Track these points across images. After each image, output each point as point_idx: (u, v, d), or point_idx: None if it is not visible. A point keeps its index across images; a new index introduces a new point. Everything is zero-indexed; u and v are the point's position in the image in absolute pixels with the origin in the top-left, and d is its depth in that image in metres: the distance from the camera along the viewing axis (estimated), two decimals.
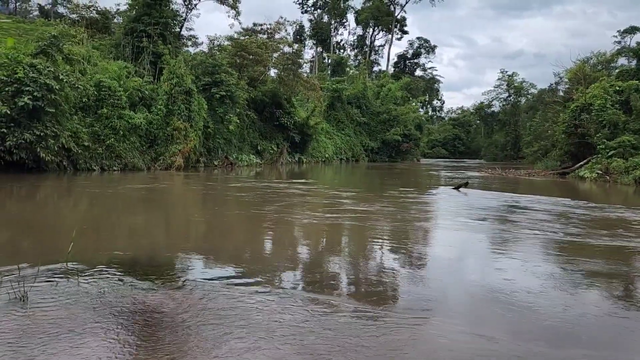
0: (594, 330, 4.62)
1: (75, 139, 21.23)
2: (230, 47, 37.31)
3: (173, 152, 25.28)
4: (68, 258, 5.82)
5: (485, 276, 6.38)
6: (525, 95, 75.55)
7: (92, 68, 24.88)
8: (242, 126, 34.74)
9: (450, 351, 3.94)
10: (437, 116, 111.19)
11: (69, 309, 4.43)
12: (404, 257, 7.27)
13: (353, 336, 4.09)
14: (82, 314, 4.32)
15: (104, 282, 5.28)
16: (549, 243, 8.70)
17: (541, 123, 45.91)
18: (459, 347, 4.02)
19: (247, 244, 8.49)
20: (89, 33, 29.87)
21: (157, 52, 29.39)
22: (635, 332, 4.65)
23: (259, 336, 3.99)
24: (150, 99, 26.31)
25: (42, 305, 4.49)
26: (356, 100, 57.45)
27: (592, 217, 11.89)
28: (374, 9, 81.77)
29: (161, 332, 4.02)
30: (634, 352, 4.22)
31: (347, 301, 5.11)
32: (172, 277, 5.70)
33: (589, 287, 6.06)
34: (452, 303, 5.23)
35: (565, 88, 48.64)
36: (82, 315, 4.29)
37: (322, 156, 47.88)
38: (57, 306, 4.50)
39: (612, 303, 5.43)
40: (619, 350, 4.18)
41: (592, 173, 26.91)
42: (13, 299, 4.57)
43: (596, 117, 29.25)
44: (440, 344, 4.07)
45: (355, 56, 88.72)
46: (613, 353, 4.09)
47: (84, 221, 10.19)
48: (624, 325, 4.75)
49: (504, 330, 4.44)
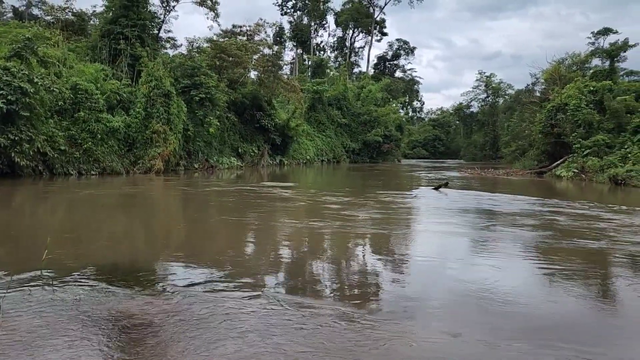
0: (577, 327, 4.70)
1: (51, 143, 20.85)
2: (210, 49, 37.09)
3: (152, 155, 25.00)
4: (43, 266, 5.72)
5: (465, 277, 6.44)
6: (503, 95, 76.57)
7: (68, 71, 24.45)
8: (222, 129, 34.52)
9: (431, 352, 3.97)
10: (417, 117, 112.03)
11: (43, 318, 4.35)
12: (385, 259, 7.30)
13: (334, 339, 4.09)
14: (57, 323, 4.24)
15: (80, 290, 5.19)
16: (526, 242, 8.83)
17: (518, 123, 46.62)
18: (438, 347, 4.06)
19: (227, 249, 8.43)
20: (64, 35, 29.34)
21: (134, 55, 29.04)
22: (619, 328, 4.75)
23: (239, 341, 3.97)
24: (129, 101, 25.98)
25: (16, 314, 4.40)
26: (337, 101, 57.57)
27: (569, 216, 12.11)
28: (353, 11, 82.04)
29: (138, 339, 3.97)
30: (620, 348, 4.31)
31: (329, 304, 5.12)
32: (151, 284, 5.64)
33: (566, 285, 6.16)
34: (431, 304, 5.27)
35: (542, 88, 49.45)
36: (57, 324, 4.21)
37: (304, 158, 47.85)
38: (31, 315, 4.41)
39: (592, 300, 5.53)
40: (602, 345, 4.25)
41: (569, 172, 27.43)
42: None
43: (571, 116, 29.84)
44: (419, 345, 4.10)
45: (335, 58, 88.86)
46: (598, 349, 4.16)
47: (60, 228, 10.01)
48: (608, 323, 4.85)
49: (482, 329, 4.49)
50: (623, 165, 23.93)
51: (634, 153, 24.42)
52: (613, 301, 5.66)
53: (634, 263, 7.26)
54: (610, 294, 5.95)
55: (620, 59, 41.68)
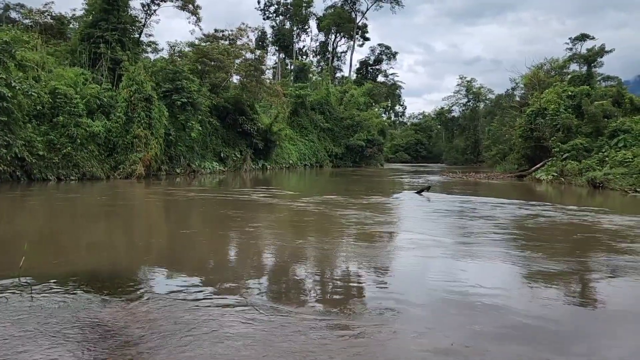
0: (558, 326, 4.76)
1: (30, 148, 20.48)
2: (192, 54, 36.88)
3: (133, 160, 24.71)
4: (20, 272, 5.60)
5: (446, 279, 6.48)
6: (484, 100, 77.58)
7: (47, 75, 24.08)
8: (204, 133, 34.30)
9: (415, 353, 3.98)
10: (399, 121, 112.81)
11: (21, 325, 4.25)
12: (366, 264, 7.31)
13: (316, 346, 4.08)
14: (35, 330, 4.15)
15: (58, 297, 5.10)
16: (507, 244, 8.94)
17: (499, 127, 47.26)
18: (421, 349, 4.07)
19: (208, 256, 8.36)
20: (43, 39, 28.90)
21: (115, 59, 28.74)
22: (600, 326, 4.83)
23: (219, 348, 3.94)
24: (109, 106, 25.67)
25: None
26: (319, 106, 57.70)
27: (550, 218, 12.29)
28: (335, 16, 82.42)
29: (117, 347, 3.91)
30: (602, 347, 4.37)
31: (309, 311, 5.11)
32: (131, 291, 5.56)
33: (547, 285, 6.24)
34: (413, 308, 5.28)
35: (521, 93, 50.30)
36: (35, 332, 4.13)
37: (286, 162, 47.80)
38: (8, 322, 4.31)
39: (573, 299, 5.61)
40: (583, 342, 4.31)
41: (548, 175, 27.87)
42: None
43: (550, 121, 30.36)
44: (402, 348, 4.11)
45: (318, 62, 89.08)
46: (580, 348, 4.22)
47: (37, 234, 9.83)
48: (589, 320, 4.93)
49: (464, 331, 4.52)
50: (601, 168, 24.40)
51: (611, 157, 24.93)
52: (595, 301, 5.74)
53: (615, 264, 7.39)
54: (592, 294, 6.04)
55: (597, 64, 42.62)
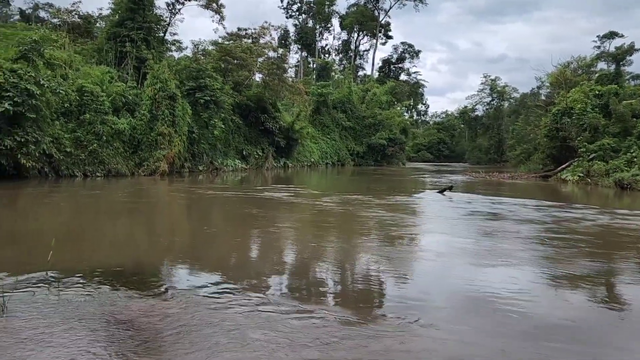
0: (584, 329, 4.67)
1: (57, 144, 20.95)
2: (215, 52, 37.20)
3: (157, 157, 25.06)
4: (48, 267, 5.74)
5: (471, 280, 6.42)
6: (508, 99, 76.45)
7: (74, 73, 24.58)
8: (227, 131, 34.57)
9: (438, 355, 3.95)
10: (421, 120, 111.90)
11: (48, 318, 4.36)
12: (389, 265, 7.28)
13: (339, 346, 4.08)
14: (61, 323, 4.25)
15: (84, 291, 5.21)
16: (532, 245, 8.80)
17: (524, 127, 46.51)
18: (446, 350, 4.04)
19: (232, 253, 8.44)
20: (70, 38, 29.54)
21: (140, 57, 29.19)
22: (623, 330, 4.73)
23: (240, 347, 3.97)
24: (134, 104, 26.08)
25: (21, 315, 4.42)
26: (341, 104, 57.61)
27: (574, 220, 12.06)
28: (358, 14, 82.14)
29: (140, 342, 3.98)
30: (624, 349, 4.28)
31: (333, 310, 5.12)
32: (153, 286, 5.65)
33: (574, 288, 6.13)
34: (437, 308, 5.25)
35: (547, 92, 49.39)
36: (61, 325, 4.23)
37: (308, 161, 47.88)
38: (35, 315, 4.43)
39: (600, 303, 5.50)
40: (607, 346, 4.23)
41: (574, 176, 27.32)
42: None
43: (577, 120, 29.74)
44: (427, 348, 4.09)
45: (340, 61, 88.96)
46: (604, 350, 4.14)
47: (64, 229, 10.05)
48: (612, 324, 4.82)
49: (488, 332, 4.47)
50: (629, 169, 23.81)
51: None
52: (622, 304, 5.61)
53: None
54: (619, 297, 5.91)
55: (626, 62, 41.63)
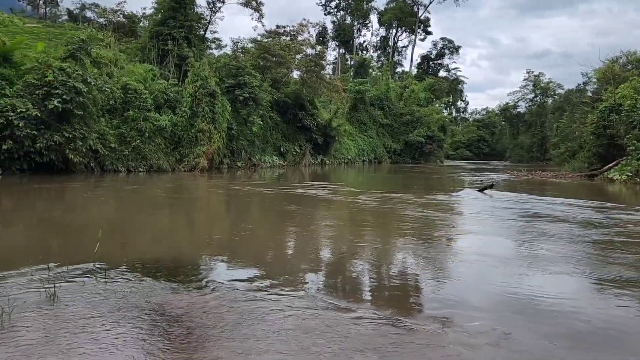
0: (629, 335, 4.49)
1: (103, 140, 21.68)
2: (254, 50, 37.64)
3: (197, 153, 25.58)
4: (95, 258, 5.94)
5: (510, 281, 6.26)
6: (552, 95, 74.29)
7: (119, 71, 25.37)
8: (265, 128, 34.95)
9: (477, 356, 3.88)
10: (461, 117, 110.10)
11: (96, 308, 4.51)
12: (428, 265, 7.19)
13: (377, 344, 4.06)
14: (108, 313, 4.40)
15: (129, 282, 5.36)
16: (576, 248, 8.51)
17: (568, 124, 45.02)
18: (482, 352, 3.96)
19: (270, 248, 8.51)
20: (116, 37, 30.53)
21: (181, 55, 29.84)
22: None
23: (280, 340, 4.00)
24: (175, 101, 26.69)
25: (71, 304, 4.59)
26: (379, 101, 57.29)
27: (622, 221, 11.59)
28: (397, 10, 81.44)
29: (180, 334, 4.06)
30: None
31: (370, 307, 5.09)
32: (194, 279, 5.75)
33: (620, 293, 5.90)
34: (475, 309, 5.14)
35: (594, 88, 47.64)
36: (108, 315, 4.37)
37: (345, 158, 47.84)
38: (85, 305, 4.59)
39: None
40: None
41: (622, 175, 26.24)
42: (44, 298, 4.69)
43: (626, 117, 28.52)
44: (463, 349, 4.01)
45: (378, 57, 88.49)
46: None
47: (109, 222, 10.37)
48: None
49: (528, 334, 4.35)
50: None
51: None
52: None
53: None
54: None
55: None
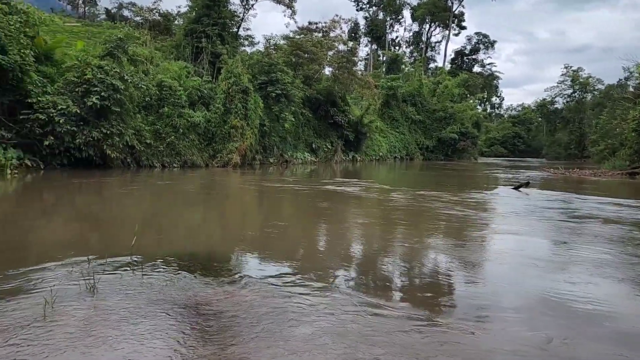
0: None
1: (139, 136, 22.18)
2: (286, 46, 37.78)
3: (230, 149, 25.89)
4: (132, 251, 6.09)
5: (546, 282, 6.11)
6: (592, 91, 72.00)
7: (155, 68, 25.89)
8: (297, 124, 35.09)
9: (509, 355, 3.80)
10: (495, 114, 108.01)
11: (133, 300, 4.63)
12: (461, 264, 7.08)
13: (410, 343, 4.03)
14: (145, 306, 4.50)
15: (165, 276, 5.48)
16: (615, 249, 8.23)
17: (609, 120, 43.58)
18: (515, 351, 3.88)
19: (303, 244, 8.55)
20: (151, 35, 31.17)
21: (215, 52, 30.23)
22: None
23: (312, 336, 4.02)
24: (209, 97, 27.07)
25: (109, 296, 4.72)
26: (411, 97, 56.69)
27: None
28: (430, 5, 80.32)
29: (218, 325, 4.12)
30: None
31: (404, 305, 5.05)
32: (230, 273, 5.83)
33: None
34: (509, 309, 5.04)
35: (636, 83, 45.93)
36: (145, 307, 4.47)
37: (376, 154, 47.59)
38: (123, 297, 4.71)
39: None
40: None
41: None
42: (84, 289, 4.84)
43: None
44: (497, 350, 3.94)
45: (410, 53, 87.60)
46: None
47: (145, 216, 10.62)
48: None
49: (565, 335, 4.24)
50: None
51: None
52: None
53: None
54: None
55: None
